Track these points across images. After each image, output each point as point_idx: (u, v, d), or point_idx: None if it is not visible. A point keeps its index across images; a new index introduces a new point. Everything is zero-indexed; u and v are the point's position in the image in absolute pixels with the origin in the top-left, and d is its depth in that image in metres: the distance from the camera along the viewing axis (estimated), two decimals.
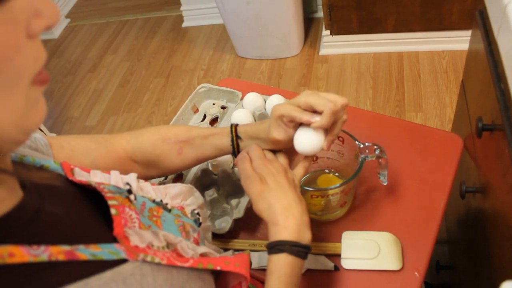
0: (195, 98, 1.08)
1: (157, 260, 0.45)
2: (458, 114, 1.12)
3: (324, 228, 0.81)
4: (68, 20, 3.44)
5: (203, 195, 0.85)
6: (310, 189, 0.72)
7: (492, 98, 0.73)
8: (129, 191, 0.53)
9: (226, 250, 0.76)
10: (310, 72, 2.39)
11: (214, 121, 1.04)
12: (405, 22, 2.22)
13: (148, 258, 0.44)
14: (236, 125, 0.71)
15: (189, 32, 3.01)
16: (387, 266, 0.74)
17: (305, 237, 0.60)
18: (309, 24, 2.69)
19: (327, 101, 0.61)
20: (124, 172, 0.69)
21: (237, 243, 0.81)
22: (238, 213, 0.81)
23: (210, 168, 0.91)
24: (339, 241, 0.78)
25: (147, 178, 0.75)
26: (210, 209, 0.85)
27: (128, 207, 0.50)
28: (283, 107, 0.63)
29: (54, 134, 2.38)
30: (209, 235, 0.70)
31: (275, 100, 0.97)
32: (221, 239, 0.82)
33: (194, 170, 0.94)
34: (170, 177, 0.94)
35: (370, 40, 2.37)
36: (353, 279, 0.74)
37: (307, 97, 0.62)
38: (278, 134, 0.65)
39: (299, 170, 0.68)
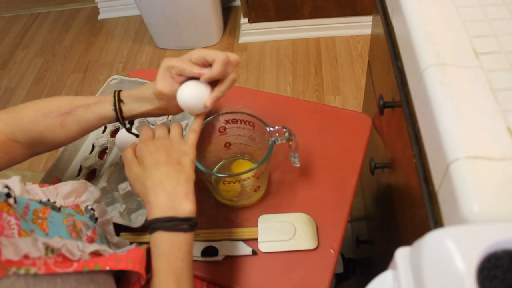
0: (106, 91, 1.04)
1: (33, 271, 0.41)
2: (367, 94, 1.17)
3: (240, 213, 0.81)
4: None
5: (117, 189, 0.83)
6: (221, 175, 0.72)
7: (392, 77, 0.76)
8: (8, 195, 0.48)
9: (141, 243, 0.74)
10: None
11: None
12: (320, 8, 2.27)
13: (22, 271, 0.40)
14: (120, 90, 0.69)
15: (106, 24, 2.90)
16: (303, 246, 0.75)
17: (182, 209, 0.58)
18: (228, 13, 2.68)
19: (219, 52, 0.61)
20: (7, 156, 0.65)
21: None
22: None
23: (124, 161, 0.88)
24: (256, 225, 0.78)
25: (34, 156, 0.71)
26: (124, 203, 0.83)
27: (7, 212, 0.46)
28: (173, 58, 0.62)
29: None
30: (111, 228, 0.68)
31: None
32: (137, 232, 0.80)
33: (107, 165, 0.92)
34: (83, 173, 0.91)
35: (288, 26, 2.40)
36: (271, 262, 0.75)
37: (200, 51, 0.62)
38: (163, 86, 0.63)
39: (190, 135, 0.66)
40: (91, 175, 0.91)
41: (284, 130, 0.72)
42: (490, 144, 0.47)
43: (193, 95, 0.63)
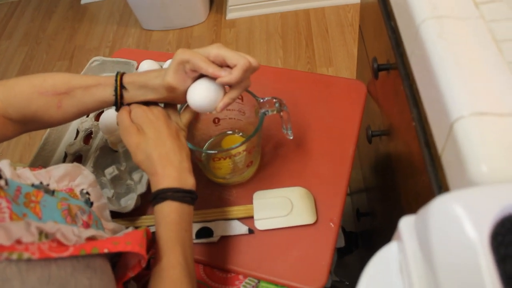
0: (89, 73, 1.00)
1: (26, 256, 0.38)
2: (360, 61, 1.12)
3: (234, 191, 0.77)
4: None
5: (104, 174, 0.79)
6: (211, 152, 0.68)
7: (385, 38, 0.72)
8: None
9: (136, 227, 0.71)
10: (218, 38, 2.33)
11: None
12: None
13: (14, 256, 0.37)
14: (123, 73, 0.63)
15: (89, 8, 2.83)
16: (301, 221, 0.72)
17: (187, 182, 0.60)
18: None
19: (242, 56, 0.57)
20: None
21: (146, 219, 0.76)
22: (142, 188, 0.76)
23: (109, 145, 0.85)
24: (251, 202, 0.75)
25: (27, 132, 0.68)
26: (113, 188, 0.79)
27: None
28: (189, 52, 0.58)
29: None
30: (107, 213, 0.65)
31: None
32: (129, 217, 0.77)
33: (93, 150, 0.88)
34: (68, 159, 0.87)
35: None
36: (269, 240, 0.72)
37: (220, 49, 0.58)
38: (175, 80, 0.59)
39: (186, 115, 0.66)
40: (77, 161, 0.88)
41: (275, 100, 0.68)
42: (497, 99, 0.44)
43: (205, 97, 0.60)
